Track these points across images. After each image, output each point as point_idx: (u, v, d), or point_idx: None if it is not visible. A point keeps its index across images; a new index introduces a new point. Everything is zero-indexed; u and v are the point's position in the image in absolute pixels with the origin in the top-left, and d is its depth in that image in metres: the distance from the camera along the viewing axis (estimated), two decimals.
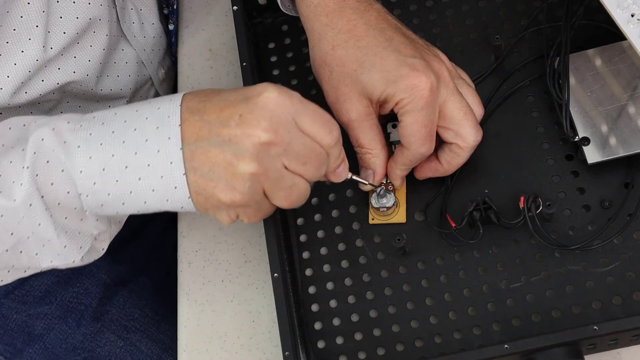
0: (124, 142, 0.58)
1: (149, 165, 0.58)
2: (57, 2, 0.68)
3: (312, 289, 0.68)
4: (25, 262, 0.62)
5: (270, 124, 0.57)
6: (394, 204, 0.69)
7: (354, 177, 0.66)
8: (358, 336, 0.66)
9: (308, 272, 0.69)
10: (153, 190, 0.59)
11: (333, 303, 0.67)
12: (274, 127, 0.57)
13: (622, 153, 0.66)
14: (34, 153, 0.58)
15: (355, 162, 0.69)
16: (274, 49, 0.79)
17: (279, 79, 0.77)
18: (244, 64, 0.73)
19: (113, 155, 0.58)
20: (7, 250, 0.61)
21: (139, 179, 0.58)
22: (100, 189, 0.59)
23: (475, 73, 0.73)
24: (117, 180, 0.58)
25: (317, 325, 0.67)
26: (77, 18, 0.70)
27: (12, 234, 0.60)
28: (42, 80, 0.70)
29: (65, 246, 0.62)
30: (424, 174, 0.69)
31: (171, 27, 0.84)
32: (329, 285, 0.68)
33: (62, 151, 0.58)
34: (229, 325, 0.71)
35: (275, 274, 0.64)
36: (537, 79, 0.72)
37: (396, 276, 0.67)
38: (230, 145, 0.57)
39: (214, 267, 0.74)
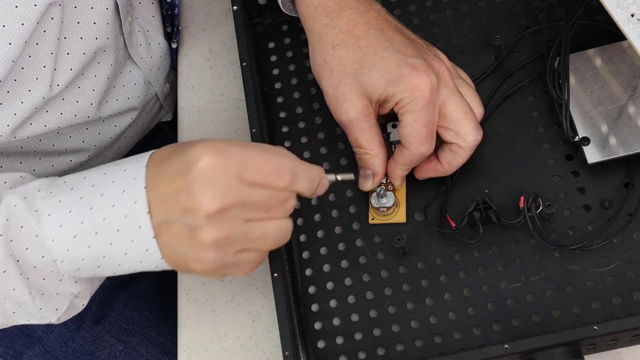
0: (91, 208, 0.58)
1: (118, 230, 0.57)
2: (65, 38, 0.67)
3: (312, 289, 0.68)
4: (3, 320, 0.63)
5: (215, 192, 0.55)
6: (394, 204, 0.69)
7: (338, 178, 0.63)
8: (358, 336, 0.66)
9: (308, 272, 0.69)
10: (125, 253, 0.58)
11: (333, 303, 0.67)
12: (221, 194, 0.55)
13: (622, 153, 0.66)
14: (7, 220, 0.58)
15: (354, 162, 0.69)
16: (274, 49, 0.79)
17: (279, 79, 0.77)
18: (244, 64, 0.73)
19: (82, 222, 0.58)
20: None
21: (110, 243, 0.58)
22: (74, 255, 0.59)
23: (475, 73, 0.73)
24: (89, 246, 0.59)
25: (317, 325, 0.67)
26: (84, 54, 0.70)
27: None
28: (47, 111, 0.70)
29: (40, 309, 0.63)
30: (424, 174, 0.69)
31: (174, 45, 0.84)
32: (329, 285, 0.68)
33: (34, 220, 0.58)
34: (229, 325, 0.71)
35: (275, 274, 0.64)
36: (537, 79, 0.72)
37: (396, 276, 0.67)
38: (187, 218, 0.56)
39: None
